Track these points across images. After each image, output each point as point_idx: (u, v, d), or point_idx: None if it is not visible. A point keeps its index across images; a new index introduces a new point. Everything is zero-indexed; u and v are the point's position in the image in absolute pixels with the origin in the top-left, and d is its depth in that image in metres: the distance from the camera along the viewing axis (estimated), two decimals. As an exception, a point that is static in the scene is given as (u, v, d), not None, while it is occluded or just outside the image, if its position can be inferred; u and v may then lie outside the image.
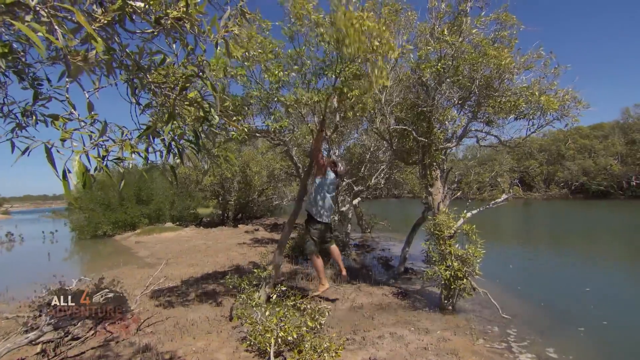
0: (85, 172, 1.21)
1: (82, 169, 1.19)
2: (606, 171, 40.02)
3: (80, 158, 1.20)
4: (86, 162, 1.24)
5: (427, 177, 6.19)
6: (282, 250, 5.77)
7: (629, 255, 11.14)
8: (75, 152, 1.21)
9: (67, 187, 1.20)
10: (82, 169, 1.19)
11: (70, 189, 1.22)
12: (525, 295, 6.61)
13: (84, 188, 1.26)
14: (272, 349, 3.57)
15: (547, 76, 5.32)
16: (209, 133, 1.67)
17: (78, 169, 1.18)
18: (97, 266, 10.72)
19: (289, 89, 5.37)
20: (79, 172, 1.19)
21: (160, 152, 1.53)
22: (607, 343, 4.76)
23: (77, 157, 1.19)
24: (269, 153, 17.93)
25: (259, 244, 13.10)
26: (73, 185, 1.21)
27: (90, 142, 1.32)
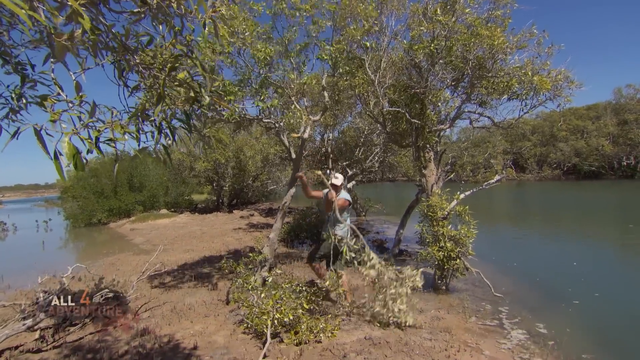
0: (76, 154, 1.19)
1: (72, 150, 1.17)
2: (598, 152, 40.38)
3: (70, 139, 1.18)
4: (77, 143, 1.22)
5: (421, 159, 6.20)
6: (277, 234, 5.80)
7: (617, 233, 11.36)
8: (65, 134, 1.19)
9: (60, 168, 1.19)
10: (72, 150, 1.17)
11: (63, 170, 1.20)
12: (517, 274, 6.75)
13: (76, 170, 1.24)
14: (269, 331, 3.63)
15: (540, 56, 5.30)
16: (200, 114, 1.65)
17: (68, 150, 1.16)
18: (93, 254, 10.72)
19: (278, 72, 5.35)
20: (69, 153, 1.17)
21: (151, 132, 1.51)
22: (595, 315, 4.91)
23: (66, 139, 1.17)
24: (263, 137, 17.81)
25: (254, 228, 13.15)
26: (65, 167, 1.20)
27: (80, 123, 1.29)
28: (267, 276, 5.20)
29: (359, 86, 6.04)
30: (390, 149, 10.97)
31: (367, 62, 5.95)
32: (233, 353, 3.57)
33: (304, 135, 5.42)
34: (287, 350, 3.58)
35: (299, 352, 3.53)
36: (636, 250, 9.02)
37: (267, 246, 5.62)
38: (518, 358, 3.64)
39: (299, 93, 5.83)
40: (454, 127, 6.89)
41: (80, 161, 1.22)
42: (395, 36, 6.16)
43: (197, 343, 3.84)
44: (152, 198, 19.87)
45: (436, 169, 6.22)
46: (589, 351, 3.87)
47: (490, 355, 3.63)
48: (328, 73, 6.23)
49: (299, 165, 5.88)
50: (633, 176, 38.01)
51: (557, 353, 3.79)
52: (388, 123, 6.72)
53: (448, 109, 6.37)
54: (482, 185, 6.46)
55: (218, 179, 19.67)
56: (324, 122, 9.87)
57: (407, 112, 5.97)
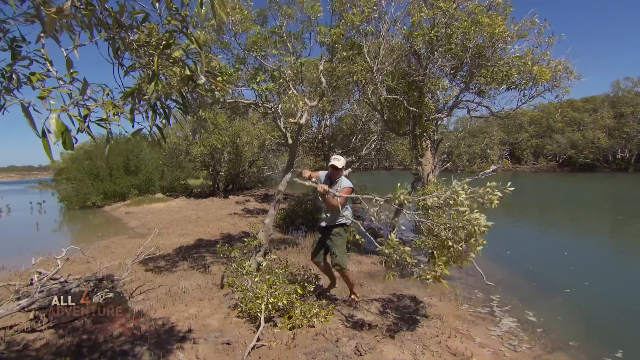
0: (65, 132, 1.17)
1: (60, 127, 1.14)
2: (593, 144, 40.53)
3: (59, 117, 1.15)
4: (67, 121, 1.19)
5: (418, 147, 6.20)
6: (273, 219, 5.81)
7: (607, 224, 11.53)
8: (53, 110, 1.16)
9: (47, 146, 1.16)
10: (60, 127, 1.14)
11: (51, 148, 1.17)
12: (509, 263, 6.83)
13: (65, 148, 1.21)
14: (262, 315, 3.66)
15: (540, 45, 5.27)
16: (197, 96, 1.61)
17: (56, 127, 1.13)
18: (88, 236, 10.71)
19: (273, 53, 5.29)
20: (57, 130, 1.14)
21: (146, 112, 1.48)
22: (584, 303, 5.02)
23: (54, 116, 1.14)
24: (259, 123, 17.68)
25: (249, 214, 13.17)
26: (53, 144, 1.17)
27: (70, 101, 1.26)
28: (262, 261, 5.23)
29: (357, 73, 5.98)
30: (387, 137, 10.94)
31: (365, 49, 5.88)
32: (227, 336, 3.60)
33: (301, 121, 5.38)
34: (281, 334, 3.62)
35: (292, 336, 3.57)
36: (625, 241, 9.21)
37: (262, 231, 5.63)
38: (507, 344, 3.71)
39: (295, 78, 5.75)
40: (451, 117, 6.86)
41: (69, 139, 1.19)
42: (394, 22, 6.08)
43: (191, 326, 3.87)
44: (148, 182, 19.79)
45: (433, 158, 6.22)
46: (576, 338, 3.94)
47: (480, 342, 3.69)
48: (326, 58, 6.16)
49: (295, 151, 5.86)
50: (627, 169, 38.29)
51: (545, 340, 3.87)
52: (386, 111, 6.69)
53: (446, 97, 6.35)
54: (478, 175, 6.48)
55: (214, 163, 19.58)
56: (321, 108, 9.79)
57: (405, 100, 5.94)
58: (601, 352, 3.74)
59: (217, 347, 3.40)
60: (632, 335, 4.22)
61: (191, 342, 3.49)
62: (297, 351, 3.27)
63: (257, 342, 3.37)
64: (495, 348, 3.60)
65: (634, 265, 7.20)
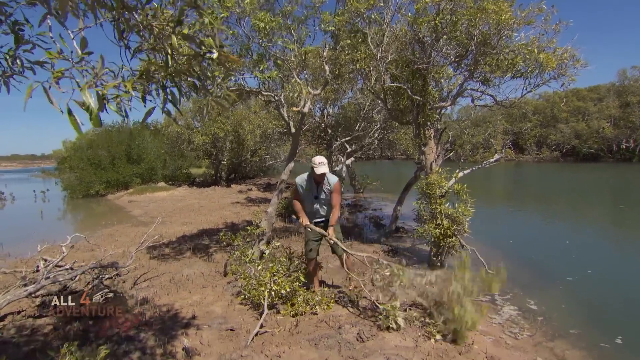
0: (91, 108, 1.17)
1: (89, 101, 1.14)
2: (598, 134, 40.22)
3: (89, 91, 1.15)
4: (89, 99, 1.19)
5: (421, 136, 6.16)
6: (275, 208, 5.83)
7: (609, 214, 11.55)
8: (83, 85, 1.15)
9: (75, 123, 1.16)
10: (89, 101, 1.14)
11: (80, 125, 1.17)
12: (511, 252, 6.85)
13: (93, 125, 1.21)
14: (265, 302, 3.70)
15: (547, 33, 5.17)
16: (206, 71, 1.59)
17: (90, 100, 1.13)
18: (91, 224, 10.79)
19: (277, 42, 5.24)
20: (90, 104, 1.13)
21: (156, 91, 1.46)
22: (585, 291, 5.06)
23: (86, 88, 1.14)
24: (262, 112, 17.60)
25: (252, 203, 13.21)
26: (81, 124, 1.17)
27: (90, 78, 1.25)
28: (265, 249, 5.26)
29: (361, 61, 5.92)
30: (390, 126, 10.88)
31: (369, 36, 5.80)
32: (231, 322, 3.65)
33: (304, 109, 5.36)
34: (284, 321, 3.67)
35: (295, 323, 3.61)
36: (626, 230, 9.23)
37: (264, 220, 5.66)
38: (508, 332, 3.75)
39: (299, 66, 5.70)
40: (455, 106, 6.81)
41: (97, 116, 1.19)
42: (399, 9, 5.98)
43: (195, 312, 3.92)
44: (150, 171, 19.85)
45: (436, 147, 6.19)
46: (577, 326, 3.98)
47: (481, 330, 3.72)
48: (330, 46, 6.09)
49: (298, 140, 5.84)
50: (631, 159, 38.06)
51: (545, 328, 3.90)
52: (389, 99, 6.63)
53: (450, 86, 6.27)
54: (481, 164, 6.47)
55: (216, 152, 19.58)
56: (324, 96, 9.73)
57: (408, 89, 5.88)
58: (601, 338, 3.78)
59: (221, 333, 3.45)
60: (632, 322, 4.26)
61: (195, 328, 3.54)
62: (300, 337, 3.31)
63: (261, 328, 3.42)
64: (497, 335, 3.63)
65: (635, 254, 7.25)
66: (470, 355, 3.08)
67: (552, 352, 3.42)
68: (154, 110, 1.49)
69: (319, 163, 3.99)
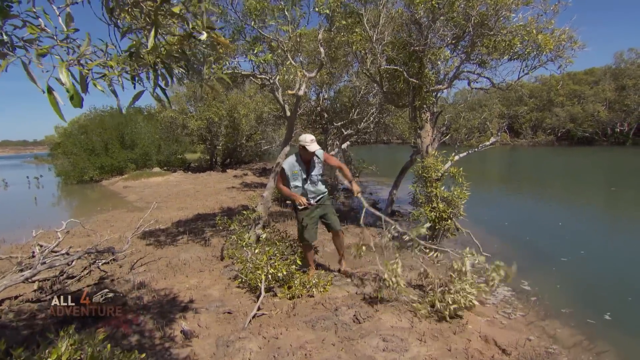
0: (73, 87, 1.12)
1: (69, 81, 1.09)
2: (593, 118, 40.21)
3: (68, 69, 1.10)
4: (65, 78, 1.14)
5: (417, 119, 6.14)
6: (271, 192, 5.82)
7: (600, 195, 11.73)
8: (61, 63, 1.11)
9: (55, 103, 1.11)
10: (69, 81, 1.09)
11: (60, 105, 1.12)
12: (506, 234, 6.93)
13: (74, 105, 1.16)
14: (262, 285, 3.73)
15: (546, 13, 5.11)
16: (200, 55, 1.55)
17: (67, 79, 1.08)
18: (86, 210, 10.75)
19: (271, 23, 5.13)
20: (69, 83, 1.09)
21: (146, 73, 1.42)
22: (577, 272, 5.16)
23: (64, 68, 1.09)
24: (257, 96, 17.41)
25: (248, 187, 13.19)
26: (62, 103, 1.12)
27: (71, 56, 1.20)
28: (261, 233, 5.28)
29: (357, 43, 5.83)
30: (386, 109, 10.81)
31: (365, 17, 5.70)
32: (228, 305, 3.68)
33: (299, 92, 5.29)
34: (281, 304, 3.70)
35: (292, 305, 3.65)
36: (617, 211, 9.47)
37: (261, 204, 5.66)
38: (502, 312, 3.81)
39: (293, 48, 5.61)
40: (451, 89, 6.75)
41: (77, 95, 1.14)
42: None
43: (192, 296, 3.94)
44: (145, 156, 19.70)
45: (432, 130, 6.17)
46: (568, 305, 4.06)
47: (476, 310, 3.79)
48: (325, 28, 5.98)
49: (293, 124, 5.79)
50: (625, 143, 38.21)
51: (538, 308, 3.98)
52: (385, 82, 6.57)
53: (447, 68, 6.22)
54: (477, 148, 6.47)
55: (211, 137, 19.43)
56: (319, 80, 9.61)
57: (405, 71, 5.82)
58: (590, 316, 3.88)
59: (219, 316, 3.48)
60: (621, 299, 4.37)
61: (193, 312, 3.57)
62: (297, 319, 3.35)
63: (258, 311, 3.45)
64: (491, 316, 3.69)
65: (625, 234, 7.41)
66: (465, 335, 3.13)
67: (544, 331, 3.49)
68: (142, 94, 1.45)
69: (311, 140, 4.00)
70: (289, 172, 4.14)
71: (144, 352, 2.53)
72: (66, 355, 1.83)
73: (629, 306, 4.23)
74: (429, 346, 2.91)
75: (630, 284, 4.80)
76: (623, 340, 3.47)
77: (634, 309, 4.16)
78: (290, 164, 4.15)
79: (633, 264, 5.58)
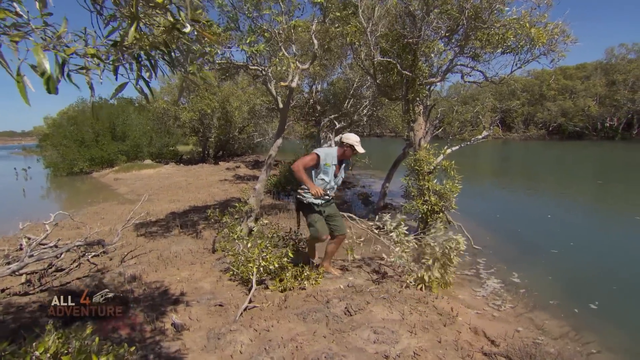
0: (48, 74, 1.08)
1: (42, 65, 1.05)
2: (584, 112, 40.65)
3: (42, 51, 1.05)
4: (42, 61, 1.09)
5: (410, 112, 6.13)
6: (264, 185, 5.79)
7: (587, 188, 12.01)
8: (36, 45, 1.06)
9: (23, 89, 1.07)
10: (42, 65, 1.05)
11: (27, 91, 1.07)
12: (496, 227, 7.00)
13: (48, 91, 1.11)
14: (254, 278, 3.72)
15: (539, 7, 5.10)
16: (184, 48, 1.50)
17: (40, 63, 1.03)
18: (76, 202, 10.63)
19: (265, 13, 5.05)
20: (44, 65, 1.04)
21: (130, 65, 1.38)
22: (565, 264, 5.24)
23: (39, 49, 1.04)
24: (249, 88, 17.26)
25: (240, 180, 13.13)
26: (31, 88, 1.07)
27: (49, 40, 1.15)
28: (253, 226, 5.26)
29: (351, 34, 5.78)
30: (380, 102, 10.79)
31: (360, 9, 5.64)
32: (219, 298, 3.67)
33: (292, 84, 5.24)
34: (272, 296, 3.70)
35: (284, 298, 3.65)
36: (603, 203, 9.80)
37: (253, 197, 5.63)
38: (492, 304, 3.86)
39: (287, 40, 5.54)
40: (444, 83, 6.75)
41: (53, 82, 1.10)
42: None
43: (184, 289, 3.92)
44: (136, 148, 19.48)
45: (425, 124, 6.17)
46: (556, 297, 4.12)
47: (466, 302, 3.83)
48: (318, 19, 5.91)
49: (286, 116, 5.75)
50: (614, 137, 38.74)
51: (527, 300, 4.03)
52: (379, 74, 6.53)
53: (440, 61, 6.20)
54: (469, 142, 6.49)
55: (203, 129, 19.26)
56: (312, 72, 9.54)
57: (398, 64, 5.79)
58: (578, 305, 3.98)
59: (210, 309, 3.47)
60: (606, 288, 4.50)
61: (184, 305, 3.55)
62: (288, 312, 3.35)
63: (249, 303, 3.44)
64: (480, 308, 3.74)
65: (611, 225, 7.64)
66: (455, 327, 3.16)
67: (532, 322, 3.54)
68: (125, 86, 1.41)
69: (359, 142, 3.85)
70: (323, 162, 3.86)
71: (134, 345, 2.51)
72: (53, 348, 1.81)
73: (614, 295, 4.35)
74: (419, 338, 2.93)
75: (615, 274, 4.94)
76: (607, 330, 3.55)
77: (618, 298, 4.29)
78: (328, 155, 3.89)
79: (617, 254, 5.75)
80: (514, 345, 2.88)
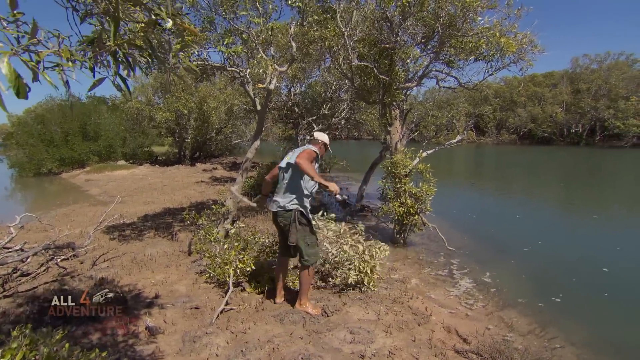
0: (18, 78, 1.05)
1: (13, 72, 1.02)
2: (551, 119, 42.41)
3: (9, 59, 1.02)
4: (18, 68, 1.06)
5: (387, 116, 6.24)
6: (240, 187, 5.75)
7: (551, 190, 12.83)
8: (3, 53, 1.03)
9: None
10: (13, 72, 1.02)
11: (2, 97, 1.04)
12: (470, 229, 7.22)
13: (19, 97, 1.08)
14: (231, 280, 3.69)
15: (509, 17, 5.31)
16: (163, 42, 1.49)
17: (8, 71, 1.01)
18: (44, 204, 10.20)
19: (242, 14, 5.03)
20: (10, 75, 1.01)
21: (107, 62, 1.35)
22: (533, 262, 5.53)
23: (5, 58, 1.01)
24: (227, 89, 17.07)
25: (217, 182, 12.96)
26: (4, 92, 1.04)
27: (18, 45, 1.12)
28: (230, 228, 5.21)
29: (329, 38, 5.84)
30: (358, 105, 10.92)
31: (338, 13, 5.71)
32: (195, 301, 3.62)
33: (270, 86, 5.24)
34: (249, 299, 3.69)
35: (261, 300, 3.64)
36: (565, 203, 10.51)
37: (230, 199, 5.58)
38: (464, 304, 3.98)
39: (265, 42, 5.54)
40: (420, 87, 6.92)
41: (23, 87, 1.07)
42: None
43: (158, 292, 3.85)
44: (109, 148, 18.87)
45: (401, 127, 6.30)
46: (524, 295, 4.32)
47: (440, 302, 3.93)
48: (297, 22, 5.94)
49: (264, 118, 5.74)
50: (579, 143, 40.53)
51: (497, 298, 4.19)
52: (356, 78, 6.62)
53: (416, 66, 6.36)
54: (444, 145, 6.67)
55: (180, 130, 18.89)
56: (291, 74, 9.56)
57: (375, 68, 5.89)
58: (543, 301, 4.20)
59: (186, 312, 3.42)
60: (567, 281, 4.83)
61: (159, 308, 3.49)
62: (265, 314, 3.35)
63: (226, 306, 3.42)
64: (453, 307, 3.85)
65: (571, 223, 8.29)
66: (429, 326, 3.25)
67: (502, 320, 3.68)
68: (102, 82, 1.39)
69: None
70: (317, 160, 3.40)
71: (105, 350, 2.44)
72: (20, 355, 1.74)
73: (574, 287, 4.69)
74: (394, 337, 3.00)
75: (575, 267, 5.30)
76: (570, 325, 3.76)
77: (577, 289, 4.63)
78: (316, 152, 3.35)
79: (577, 250, 6.19)
80: (485, 343, 2.99)
